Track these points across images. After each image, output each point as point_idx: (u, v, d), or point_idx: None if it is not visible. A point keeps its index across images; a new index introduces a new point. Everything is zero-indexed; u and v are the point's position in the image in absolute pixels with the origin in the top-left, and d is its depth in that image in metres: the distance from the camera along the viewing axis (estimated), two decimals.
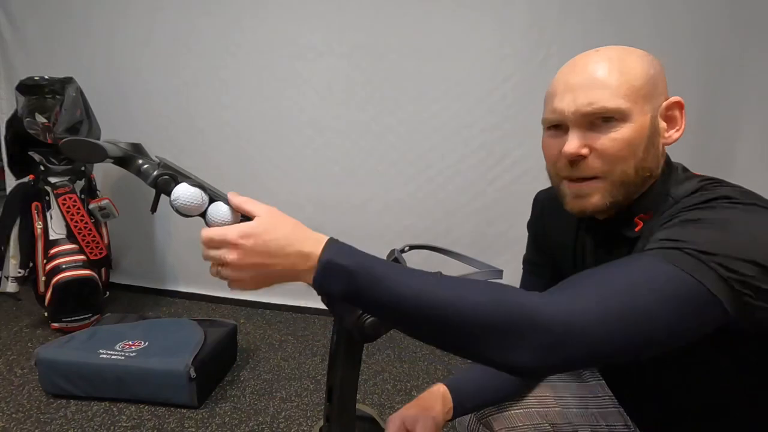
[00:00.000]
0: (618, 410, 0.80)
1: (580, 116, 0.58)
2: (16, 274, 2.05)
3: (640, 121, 0.57)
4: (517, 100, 1.96)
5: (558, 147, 0.61)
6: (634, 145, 0.57)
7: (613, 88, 0.56)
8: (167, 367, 1.51)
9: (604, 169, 0.58)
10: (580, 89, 0.57)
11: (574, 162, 0.59)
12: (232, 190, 0.56)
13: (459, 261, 0.78)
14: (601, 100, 0.56)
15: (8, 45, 2.46)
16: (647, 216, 0.61)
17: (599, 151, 0.58)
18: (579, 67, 0.59)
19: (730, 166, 1.84)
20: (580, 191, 0.60)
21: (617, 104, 0.56)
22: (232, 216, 0.55)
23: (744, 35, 1.74)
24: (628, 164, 0.58)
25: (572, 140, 0.58)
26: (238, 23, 2.17)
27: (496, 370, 0.78)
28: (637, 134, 0.57)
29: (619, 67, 0.57)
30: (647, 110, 0.58)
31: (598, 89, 0.57)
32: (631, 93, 0.56)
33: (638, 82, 0.57)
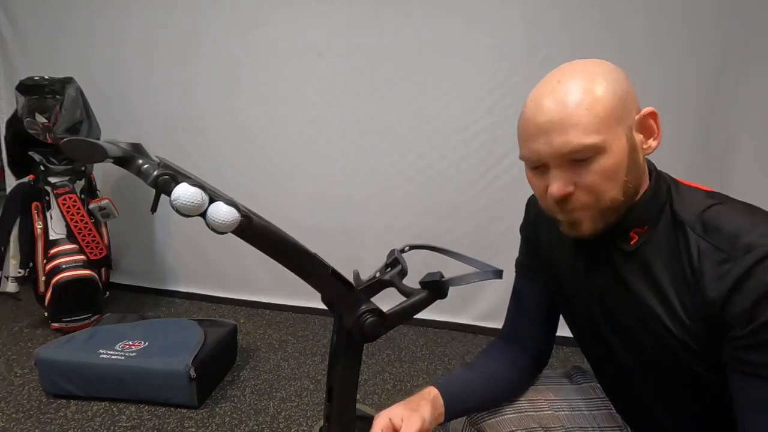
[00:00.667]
0: (610, 411, 0.80)
1: (558, 157, 0.57)
2: (16, 274, 2.05)
3: (617, 147, 0.57)
4: (517, 100, 1.93)
5: (543, 185, 0.61)
6: (618, 172, 0.57)
7: (585, 124, 0.55)
8: (167, 367, 1.51)
9: (591, 202, 0.59)
10: (552, 131, 0.57)
11: (561, 200, 0.59)
12: (232, 190, 0.56)
13: (459, 261, 0.78)
14: (575, 140, 0.55)
15: (8, 45, 2.46)
16: (642, 229, 0.62)
17: (584, 186, 0.58)
18: (546, 106, 0.58)
19: (730, 169, 1.84)
20: (571, 219, 0.61)
21: (593, 141, 0.55)
22: (232, 216, 0.55)
23: (743, 37, 1.74)
24: (615, 191, 0.58)
25: (556, 182, 0.58)
26: (238, 24, 2.17)
27: (487, 374, 0.78)
28: (618, 160, 0.57)
29: (586, 100, 0.56)
30: (621, 133, 0.57)
31: (570, 128, 0.55)
32: (603, 124, 0.55)
33: (608, 109, 0.56)
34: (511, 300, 0.85)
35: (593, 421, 0.79)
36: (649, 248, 0.61)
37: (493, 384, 0.78)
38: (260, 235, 0.59)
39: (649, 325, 0.61)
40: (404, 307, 0.67)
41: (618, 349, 0.68)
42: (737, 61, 1.76)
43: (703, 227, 0.57)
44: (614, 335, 0.67)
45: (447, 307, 2.18)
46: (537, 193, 0.65)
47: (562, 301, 0.78)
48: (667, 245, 0.60)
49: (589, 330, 0.72)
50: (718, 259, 0.54)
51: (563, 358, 1.95)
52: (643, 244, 0.61)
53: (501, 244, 2.05)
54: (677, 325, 0.58)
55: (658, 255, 0.60)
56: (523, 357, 0.81)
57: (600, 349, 0.72)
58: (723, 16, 1.74)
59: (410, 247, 0.79)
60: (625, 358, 0.67)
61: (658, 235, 0.61)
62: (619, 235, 0.63)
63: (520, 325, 0.83)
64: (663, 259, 0.60)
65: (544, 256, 0.78)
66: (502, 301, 0.88)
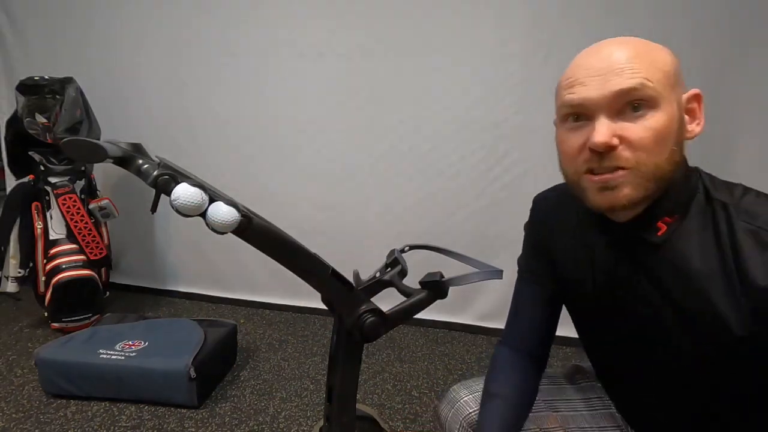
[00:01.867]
0: (610, 411, 0.80)
1: (610, 100, 0.53)
2: (16, 274, 2.05)
3: (669, 110, 0.53)
4: (518, 100, 1.96)
5: (580, 139, 0.55)
6: (666, 136, 0.53)
7: (645, 70, 0.52)
8: (167, 367, 1.51)
9: (635, 161, 0.53)
10: (609, 72, 0.53)
11: (601, 153, 0.53)
12: (232, 190, 0.56)
13: (459, 261, 0.78)
14: (637, 80, 0.51)
15: (8, 45, 2.46)
16: (671, 219, 0.57)
17: (631, 141, 0.53)
18: (604, 53, 0.55)
19: (730, 167, 1.84)
20: (607, 183, 0.54)
21: (652, 87, 0.52)
22: (232, 216, 0.55)
23: (745, 34, 1.74)
24: (661, 156, 0.53)
25: (601, 129, 0.53)
26: (239, 23, 2.17)
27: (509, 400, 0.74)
28: (669, 124, 0.53)
29: (647, 53, 0.53)
30: (674, 99, 0.54)
31: (629, 71, 0.52)
32: (661, 78, 0.52)
33: (667, 68, 0.53)
34: (513, 302, 0.83)
35: (592, 422, 0.78)
36: (680, 239, 0.57)
37: (520, 410, 0.76)
38: (260, 235, 0.59)
39: (679, 322, 0.57)
40: (404, 307, 0.67)
41: (636, 349, 0.65)
42: (739, 57, 1.76)
43: (747, 214, 0.53)
44: (635, 334, 0.64)
45: (447, 307, 2.18)
46: (569, 153, 0.58)
47: (571, 298, 0.76)
48: (701, 235, 0.55)
49: (599, 324, 0.70)
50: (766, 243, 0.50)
51: (563, 358, 1.95)
52: (671, 235, 0.57)
53: (501, 244, 2.05)
54: (716, 319, 0.54)
55: (690, 246, 0.56)
56: (527, 363, 0.80)
57: (604, 342, 0.71)
58: (725, 12, 1.73)
59: (410, 247, 0.80)
60: (644, 358, 0.64)
61: (689, 225, 0.57)
62: (644, 225, 0.58)
63: (521, 327, 0.82)
64: (697, 250, 0.55)
65: (550, 255, 0.76)
66: (502, 301, 0.88)
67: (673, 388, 0.65)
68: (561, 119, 0.60)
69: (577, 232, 0.70)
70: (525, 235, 0.83)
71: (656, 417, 0.70)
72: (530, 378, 0.80)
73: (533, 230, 0.81)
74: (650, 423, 0.72)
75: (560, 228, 0.73)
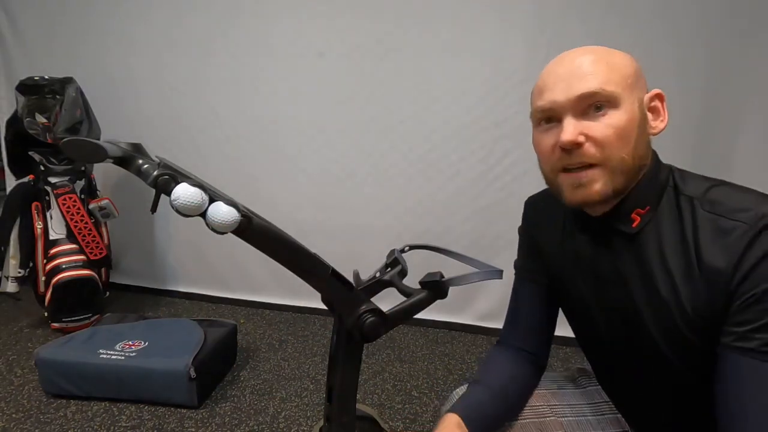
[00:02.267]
0: (615, 416, 0.79)
1: (574, 102, 0.58)
2: (16, 274, 2.05)
3: (630, 109, 0.58)
4: (518, 100, 1.96)
5: (552, 140, 0.61)
6: (628, 132, 0.58)
7: (605, 74, 0.58)
8: (167, 367, 1.51)
9: (601, 156, 0.58)
10: (572, 77, 0.59)
11: (570, 151, 0.59)
12: (231, 190, 0.56)
13: (459, 261, 0.78)
14: (595, 84, 0.57)
15: (8, 45, 2.46)
16: (644, 210, 0.62)
17: (595, 139, 0.58)
18: (567, 60, 0.62)
19: (729, 165, 1.84)
20: (578, 180, 0.60)
21: (612, 88, 0.57)
22: (232, 216, 0.55)
23: (746, 34, 1.74)
24: (625, 151, 0.58)
25: (567, 128, 0.58)
26: (239, 23, 2.17)
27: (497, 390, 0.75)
28: (629, 121, 0.58)
29: (606, 59, 0.59)
30: (634, 99, 0.59)
31: (590, 76, 0.58)
32: (620, 80, 0.58)
33: (626, 71, 0.59)
34: (510, 302, 0.84)
35: (597, 427, 0.78)
36: (652, 230, 0.61)
37: (504, 401, 0.76)
38: (260, 235, 0.59)
39: (655, 308, 0.61)
40: (404, 307, 0.67)
41: (622, 338, 0.67)
42: (740, 56, 1.76)
43: (710, 203, 0.57)
44: (619, 324, 0.67)
45: (447, 307, 2.18)
46: (543, 153, 0.64)
47: (564, 297, 0.77)
48: (671, 225, 0.60)
49: (592, 322, 0.71)
50: (727, 229, 0.54)
51: (563, 358, 1.95)
52: (645, 225, 0.61)
53: (501, 244, 2.05)
54: (684, 307, 0.58)
55: (661, 236, 0.60)
56: (524, 361, 0.80)
57: (601, 341, 0.71)
58: (726, 12, 1.73)
59: (410, 247, 0.79)
60: (629, 346, 0.66)
61: (661, 216, 0.61)
62: (620, 218, 0.63)
63: (519, 328, 0.82)
64: (666, 239, 0.60)
65: (543, 255, 0.77)
66: (502, 301, 0.88)
67: (658, 380, 0.66)
68: (535, 123, 0.66)
69: (564, 231, 0.73)
70: (519, 237, 0.85)
71: (648, 412, 0.70)
72: (523, 376, 0.79)
73: (526, 232, 0.83)
74: (644, 419, 0.73)
75: (549, 228, 0.75)
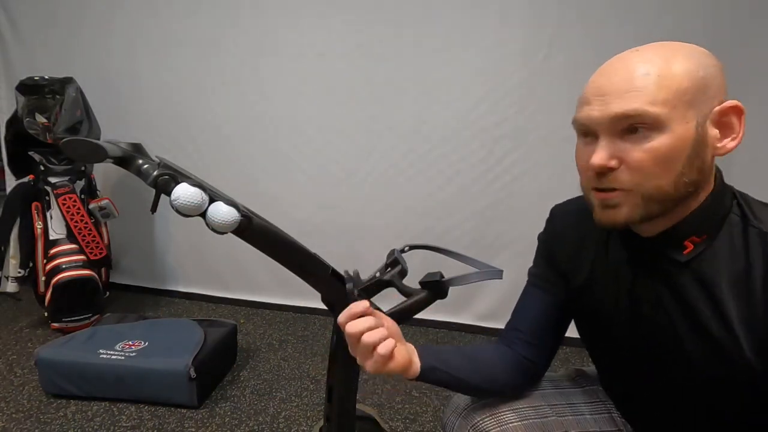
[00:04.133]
0: (611, 415, 0.80)
1: (609, 123, 0.53)
2: (16, 274, 2.05)
3: (680, 131, 0.51)
4: (518, 100, 1.96)
5: (588, 156, 0.56)
6: (671, 158, 0.52)
7: (650, 92, 0.51)
8: (167, 367, 1.51)
9: (633, 183, 0.53)
10: (612, 94, 0.53)
11: (601, 174, 0.55)
12: (231, 190, 0.56)
13: (459, 261, 0.78)
14: (634, 106, 0.51)
15: (8, 45, 2.46)
16: (700, 239, 0.56)
17: (629, 164, 0.53)
18: (614, 70, 0.54)
19: (728, 166, 1.84)
20: (607, 201, 0.56)
21: (653, 110, 0.50)
22: (232, 216, 0.54)
23: (746, 35, 1.74)
24: (664, 179, 0.52)
25: (600, 151, 0.54)
26: (239, 23, 2.17)
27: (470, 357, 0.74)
28: (676, 146, 0.51)
29: (659, 70, 0.51)
30: (690, 117, 0.52)
31: (631, 94, 0.51)
32: (670, 98, 0.51)
33: (681, 85, 0.51)
34: (517, 304, 0.81)
35: (595, 426, 0.78)
36: (707, 260, 0.56)
37: (473, 366, 0.74)
38: (260, 235, 0.59)
39: (697, 342, 0.57)
40: (404, 307, 0.67)
41: (648, 363, 0.65)
42: (740, 56, 1.76)
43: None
44: (649, 349, 0.64)
45: (447, 307, 2.18)
46: (579, 167, 0.59)
47: (586, 314, 0.74)
48: (732, 258, 0.55)
49: (617, 342, 0.69)
50: None
51: (563, 358, 1.95)
52: (698, 255, 0.56)
53: (501, 244, 2.05)
54: (734, 346, 0.54)
55: (717, 268, 0.55)
56: (515, 362, 0.77)
57: (625, 361, 0.69)
58: (726, 11, 1.73)
59: (410, 247, 0.79)
60: (655, 372, 0.64)
61: (719, 247, 0.56)
62: (671, 243, 0.57)
63: (520, 331, 0.79)
64: (723, 273, 0.55)
65: (565, 268, 0.74)
66: (502, 301, 0.87)
67: (681, 404, 0.65)
68: (577, 134, 0.60)
69: (595, 246, 0.69)
70: (539, 245, 0.81)
71: (660, 427, 0.70)
72: (508, 368, 0.76)
73: (548, 242, 0.78)
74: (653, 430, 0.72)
75: (580, 241, 0.71)
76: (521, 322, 0.80)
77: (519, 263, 0.84)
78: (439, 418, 1.53)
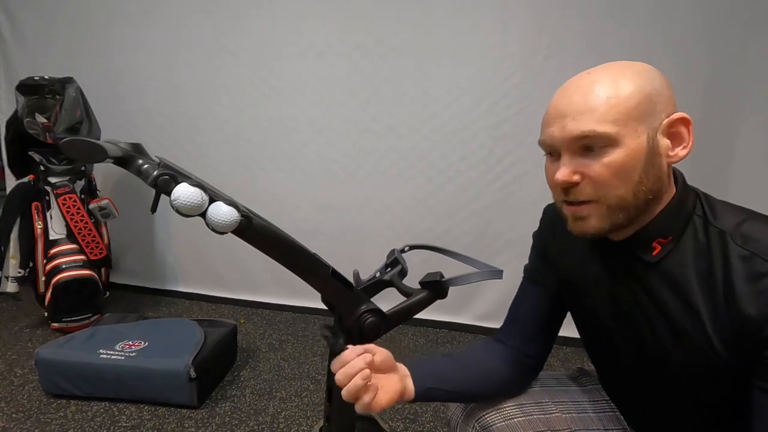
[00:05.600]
0: (615, 414, 0.81)
1: (568, 142, 0.57)
2: (16, 274, 2.05)
3: (632, 145, 0.55)
4: (517, 100, 1.96)
5: (554, 172, 0.60)
6: (627, 170, 0.56)
7: (601, 112, 0.55)
8: (167, 367, 1.51)
9: (597, 195, 0.58)
10: (568, 115, 0.57)
11: (566, 188, 0.59)
12: (231, 190, 0.56)
13: (459, 261, 0.78)
14: (587, 126, 0.55)
15: (8, 45, 2.46)
16: (666, 240, 0.60)
17: (591, 178, 0.57)
18: (568, 93, 0.59)
19: (728, 166, 1.84)
20: (577, 214, 0.60)
21: (604, 129, 0.55)
22: (232, 216, 0.55)
23: (745, 35, 1.74)
24: (623, 189, 0.57)
25: (563, 168, 0.58)
26: (239, 23, 2.17)
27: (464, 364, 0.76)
28: (630, 158, 0.56)
29: (609, 90, 0.56)
30: (641, 131, 0.56)
31: (585, 115, 0.56)
32: (620, 116, 0.55)
33: (630, 102, 0.55)
34: (513, 301, 0.84)
35: (599, 423, 0.79)
36: (675, 260, 0.59)
37: (468, 374, 0.76)
38: (260, 235, 0.59)
39: (672, 337, 0.60)
40: (404, 307, 0.67)
41: (633, 359, 0.67)
42: (739, 57, 1.76)
43: (743, 238, 0.55)
44: (632, 345, 0.67)
45: (447, 307, 2.18)
46: (549, 183, 0.64)
47: (577, 311, 0.77)
48: (695, 257, 0.58)
49: (604, 339, 0.71)
50: (763, 273, 0.52)
51: (563, 358, 1.95)
52: (666, 255, 0.60)
53: (501, 244, 2.05)
54: (704, 340, 0.57)
55: (684, 267, 0.59)
56: (511, 358, 0.79)
57: (613, 357, 0.71)
58: (725, 13, 1.73)
59: (410, 247, 0.80)
60: (640, 367, 0.67)
61: (684, 247, 0.59)
62: (640, 245, 0.61)
63: (516, 327, 0.82)
64: (690, 271, 0.58)
65: (557, 265, 0.77)
66: (502, 301, 0.88)
67: (668, 400, 0.67)
68: (544, 153, 0.65)
69: (583, 248, 0.72)
70: (534, 242, 0.83)
71: (654, 422, 0.71)
72: (504, 368, 0.78)
73: (541, 239, 0.81)
74: (650, 427, 0.73)
75: (567, 241, 0.73)
76: (518, 318, 0.82)
77: (519, 263, 0.84)
78: (440, 418, 1.53)
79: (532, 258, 0.83)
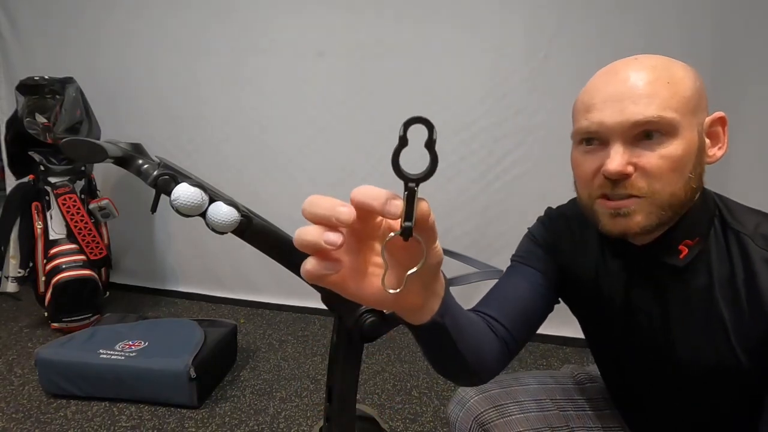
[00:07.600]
0: (612, 412, 0.81)
1: (626, 129, 0.51)
2: (16, 274, 2.05)
3: (689, 137, 0.51)
4: (517, 100, 1.96)
5: (594, 164, 0.54)
6: (684, 164, 0.51)
7: (664, 98, 0.50)
8: (167, 367, 1.51)
9: (649, 189, 0.52)
10: (626, 99, 0.51)
11: (616, 181, 0.53)
12: (231, 190, 0.56)
13: (459, 261, 0.78)
14: (651, 111, 0.50)
15: (8, 45, 2.46)
16: (693, 242, 0.56)
17: (646, 170, 0.52)
18: (621, 76, 0.53)
19: (726, 166, 1.84)
20: (620, 210, 0.54)
21: (669, 116, 0.50)
22: (232, 216, 0.55)
23: (744, 35, 1.74)
24: (677, 184, 0.52)
25: (616, 157, 0.52)
26: (239, 23, 2.17)
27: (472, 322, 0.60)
28: (686, 152, 0.51)
29: (667, 76, 0.52)
30: (694, 125, 0.52)
31: (647, 98, 0.51)
32: (681, 105, 0.51)
33: (687, 93, 0.51)
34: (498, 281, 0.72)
35: (597, 422, 0.79)
36: (702, 263, 0.56)
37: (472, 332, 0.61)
38: (260, 235, 0.59)
39: (692, 347, 0.58)
40: None
41: (646, 367, 0.65)
42: (738, 57, 1.76)
43: (764, 239, 0.52)
44: (646, 353, 0.64)
45: None
46: (583, 177, 0.57)
47: (588, 317, 0.74)
48: (719, 261, 0.55)
49: (616, 346, 0.69)
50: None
51: (563, 358, 1.94)
52: (693, 258, 0.56)
53: (501, 244, 2.05)
54: (727, 349, 0.54)
55: (711, 269, 0.56)
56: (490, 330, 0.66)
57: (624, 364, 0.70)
58: (724, 12, 1.73)
59: None
60: (653, 375, 0.65)
61: (710, 249, 0.56)
62: (666, 249, 0.57)
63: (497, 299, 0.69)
64: (717, 273, 0.55)
65: (562, 261, 0.71)
66: None
67: (675, 402, 0.65)
68: (576, 142, 0.59)
69: (591, 253, 0.68)
70: (530, 240, 0.74)
71: (659, 426, 0.71)
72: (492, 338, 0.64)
73: (547, 239, 0.73)
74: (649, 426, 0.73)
75: (577, 246, 0.69)
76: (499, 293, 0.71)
77: None
78: (440, 418, 1.53)
79: (529, 247, 0.74)
